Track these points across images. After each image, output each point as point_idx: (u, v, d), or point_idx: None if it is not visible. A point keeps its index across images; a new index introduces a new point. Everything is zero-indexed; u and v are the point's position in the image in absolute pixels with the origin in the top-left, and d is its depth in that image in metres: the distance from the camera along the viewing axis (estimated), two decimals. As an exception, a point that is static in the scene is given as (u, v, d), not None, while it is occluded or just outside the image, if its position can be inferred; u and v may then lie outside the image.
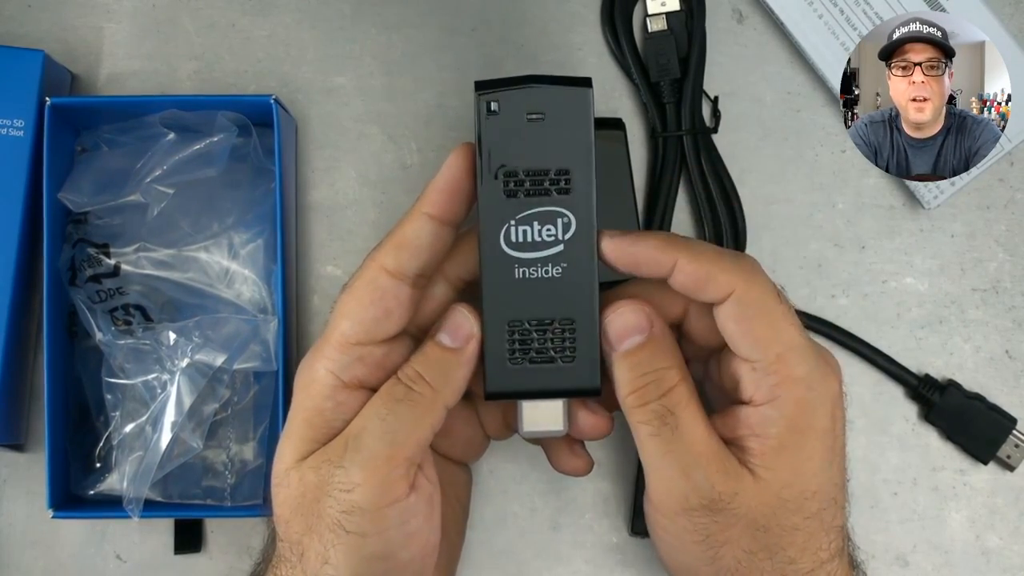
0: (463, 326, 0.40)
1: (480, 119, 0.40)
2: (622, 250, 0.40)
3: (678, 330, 0.44)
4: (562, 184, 0.40)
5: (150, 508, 0.49)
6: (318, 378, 0.41)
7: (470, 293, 0.42)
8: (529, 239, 0.40)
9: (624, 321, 0.41)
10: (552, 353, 0.41)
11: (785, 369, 0.40)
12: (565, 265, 0.40)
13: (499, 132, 0.40)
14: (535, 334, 0.41)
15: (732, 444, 0.40)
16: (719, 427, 0.41)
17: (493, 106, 0.40)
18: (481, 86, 0.40)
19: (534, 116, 0.40)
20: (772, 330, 0.40)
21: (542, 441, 0.46)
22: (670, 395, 0.40)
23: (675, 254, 0.40)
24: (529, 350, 0.41)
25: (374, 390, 0.41)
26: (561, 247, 0.40)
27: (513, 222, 0.40)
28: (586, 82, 0.40)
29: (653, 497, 0.41)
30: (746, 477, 0.39)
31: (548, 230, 0.40)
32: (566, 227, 0.40)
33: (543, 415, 0.42)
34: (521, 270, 0.40)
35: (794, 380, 0.40)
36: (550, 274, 0.40)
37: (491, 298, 0.40)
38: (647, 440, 0.40)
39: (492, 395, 0.41)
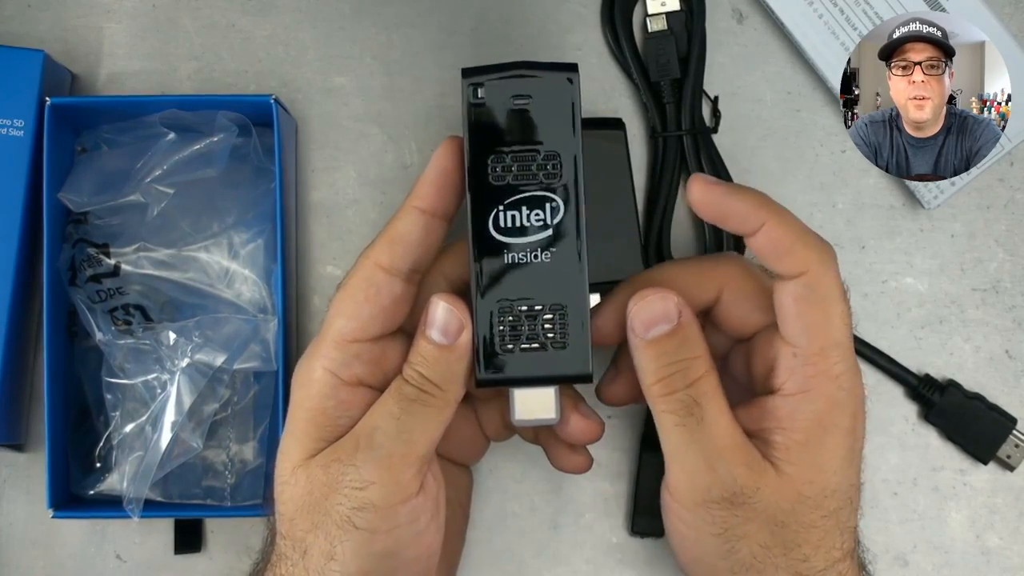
0: (451, 320, 0.40)
1: (467, 104, 0.40)
2: (713, 199, 0.40)
3: (704, 317, 0.44)
4: (550, 169, 0.40)
5: (150, 508, 0.49)
6: (316, 377, 0.41)
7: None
8: (518, 224, 0.40)
9: (651, 309, 0.40)
10: (543, 339, 0.40)
11: (824, 363, 0.40)
12: (554, 250, 0.40)
13: (486, 116, 0.40)
14: (525, 320, 0.40)
15: (755, 438, 0.40)
16: (743, 420, 0.41)
17: (480, 92, 0.40)
18: (468, 72, 0.40)
19: (521, 101, 0.40)
20: (826, 322, 0.40)
21: (540, 439, 0.46)
22: (696, 385, 0.40)
23: (766, 215, 0.40)
24: (520, 336, 0.40)
25: (372, 387, 0.41)
26: (550, 232, 0.40)
27: (502, 207, 0.40)
28: (572, 67, 0.40)
29: (673, 488, 0.41)
30: (769, 472, 0.39)
31: (537, 215, 0.40)
32: (554, 212, 0.40)
33: (535, 403, 0.41)
34: (511, 255, 0.40)
35: (830, 377, 0.40)
36: (539, 259, 0.40)
37: (481, 284, 0.40)
38: (672, 430, 0.40)
39: (483, 382, 0.41)
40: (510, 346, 0.40)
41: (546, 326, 0.40)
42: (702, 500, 0.40)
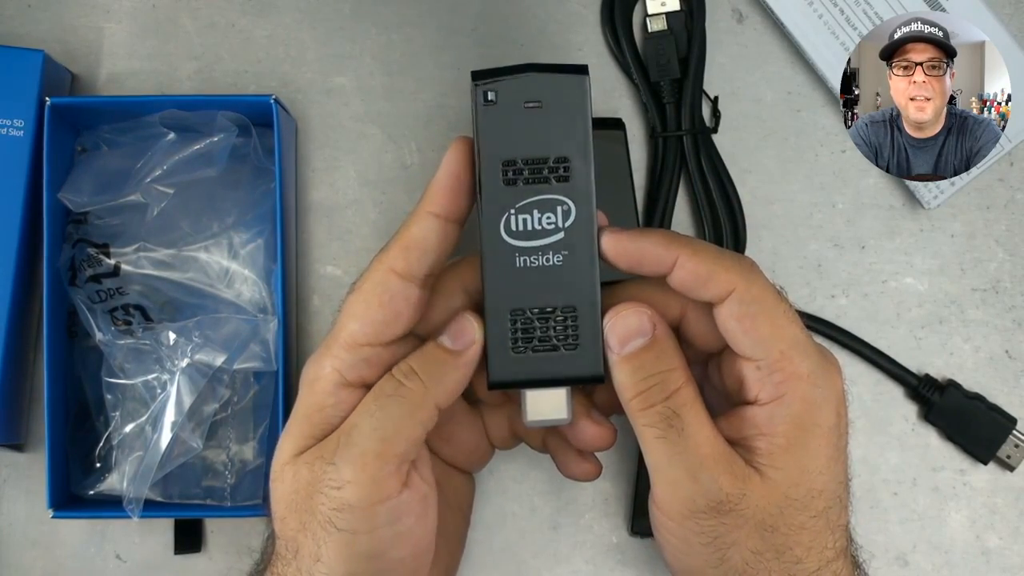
0: (467, 331, 0.40)
1: (477, 108, 0.40)
2: (623, 247, 0.40)
3: (675, 333, 0.44)
4: (561, 172, 0.40)
5: (150, 508, 0.49)
6: (323, 375, 0.41)
7: None
8: (529, 227, 0.40)
9: (626, 324, 0.40)
10: (555, 341, 0.40)
11: (789, 366, 0.39)
12: (566, 252, 0.40)
13: (497, 121, 0.40)
14: (537, 322, 0.40)
15: (737, 445, 0.40)
16: (724, 429, 0.41)
17: (490, 95, 0.40)
18: (478, 75, 0.40)
19: (532, 104, 0.40)
20: (774, 327, 0.40)
21: (549, 446, 0.46)
22: (675, 397, 0.40)
23: (677, 251, 0.40)
24: (532, 339, 0.40)
25: None
26: (561, 235, 0.40)
27: (513, 211, 0.40)
28: (582, 69, 0.40)
29: (659, 500, 0.41)
30: (753, 478, 0.39)
31: (548, 218, 0.40)
32: (566, 215, 0.40)
33: (547, 404, 0.41)
34: (522, 259, 0.40)
35: (799, 377, 0.39)
36: (551, 262, 0.40)
37: (493, 288, 0.40)
38: (653, 443, 0.40)
39: (495, 384, 0.41)
40: (522, 348, 0.40)
41: (557, 328, 0.40)
42: (689, 511, 0.39)
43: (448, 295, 0.42)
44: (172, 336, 0.49)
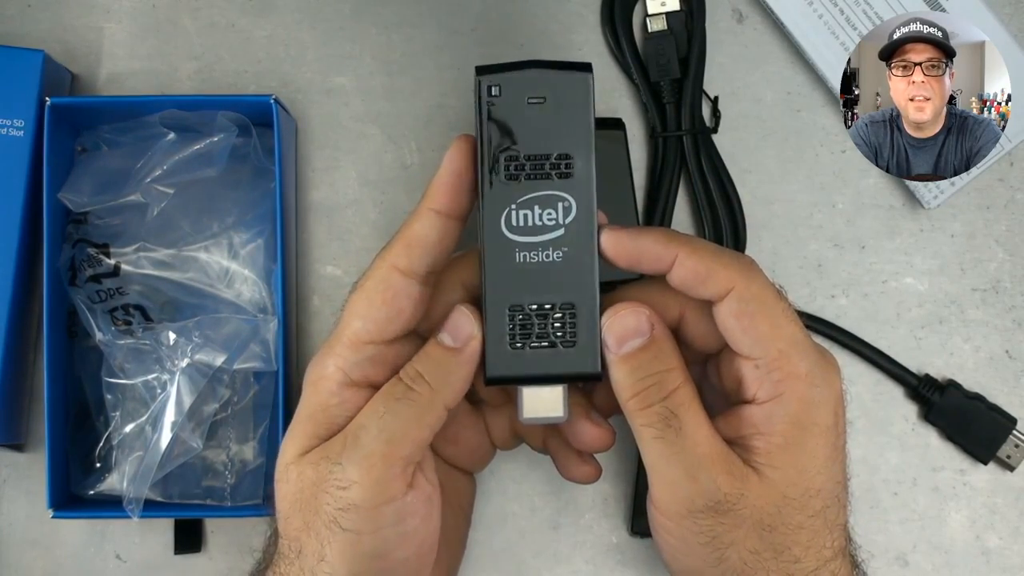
0: (464, 326, 0.40)
1: (481, 102, 0.40)
2: (623, 244, 0.40)
3: (674, 334, 0.44)
4: (563, 168, 0.40)
5: (150, 508, 0.49)
6: (327, 375, 0.41)
7: None
8: (530, 223, 0.40)
9: (624, 324, 0.40)
10: (553, 338, 0.40)
11: (788, 365, 0.40)
12: (566, 249, 0.40)
13: (500, 115, 0.40)
14: (536, 319, 0.40)
15: (735, 444, 0.40)
16: (722, 428, 0.41)
17: (494, 90, 0.40)
18: (482, 70, 0.40)
19: (535, 100, 0.40)
20: (773, 326, 0.40)
21: (550, 447, 0.46)
22: (672, 397, 0.40)
23: (676, 249, 0.40)
24: (530, 335, 0.40)
25: (380, 388, 0.41)
26: (562, 231, 0.40)
27: (514, 206, 0.40)
28: (586, 67, 0.40)
29: (657, 500, 0.41)
30: (751, 477, 0.39)
31: (549, 214, 0.40)
32: (567, 211, 0.40)
33: (543, 401, 0.41)
34: (522, 254, 0.40)
35: (797, 376, 0.40)
36: (551, 258, 0.40)
37: (492, 283, 0.40)
38: (651, 443, 0.40)
39: (492, 380, 0.41)
40: (520, 344, 0.40)
41: (556, 325, 0.40)
42: (687, 511, 0.39)
43: (447, 291, 0.42)
44: (172, 336, 0.49)
